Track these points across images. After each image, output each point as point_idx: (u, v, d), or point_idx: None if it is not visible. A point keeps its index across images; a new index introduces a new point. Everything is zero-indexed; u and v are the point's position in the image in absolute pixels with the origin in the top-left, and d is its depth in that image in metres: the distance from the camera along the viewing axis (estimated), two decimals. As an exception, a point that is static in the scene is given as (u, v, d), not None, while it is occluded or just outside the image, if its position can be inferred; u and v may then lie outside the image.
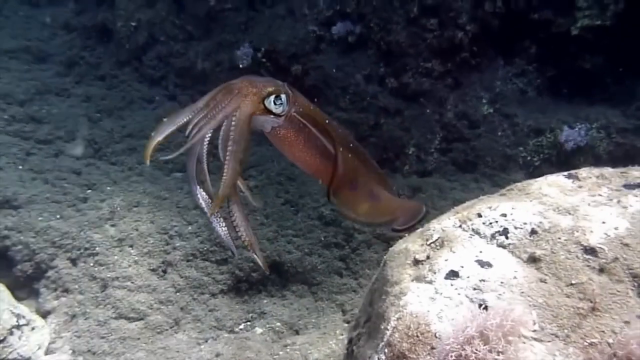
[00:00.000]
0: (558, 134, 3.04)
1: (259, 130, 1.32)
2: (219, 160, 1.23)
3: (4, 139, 3.87)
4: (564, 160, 3.06)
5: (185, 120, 1.22)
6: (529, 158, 3.18)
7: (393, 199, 1.68)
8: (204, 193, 1.30)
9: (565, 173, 1.84)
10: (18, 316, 2.47)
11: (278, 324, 2.80)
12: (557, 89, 3.38)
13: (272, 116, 1.26)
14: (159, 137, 1.20)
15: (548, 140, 3.11)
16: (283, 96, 1.26)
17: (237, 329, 2.81)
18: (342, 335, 2.64)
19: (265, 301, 2.95)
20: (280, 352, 2.55)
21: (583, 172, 1.83)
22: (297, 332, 2.75)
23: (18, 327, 2.45)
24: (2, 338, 2.30)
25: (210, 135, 1.25)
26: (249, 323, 2.83)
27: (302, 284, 2.99)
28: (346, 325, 2.74)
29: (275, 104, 1.25)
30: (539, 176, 3.29)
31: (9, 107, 4.25)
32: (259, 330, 2.76)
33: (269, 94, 1.24)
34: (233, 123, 1.20)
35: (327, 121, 1.37)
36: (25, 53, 5.05)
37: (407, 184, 3.35)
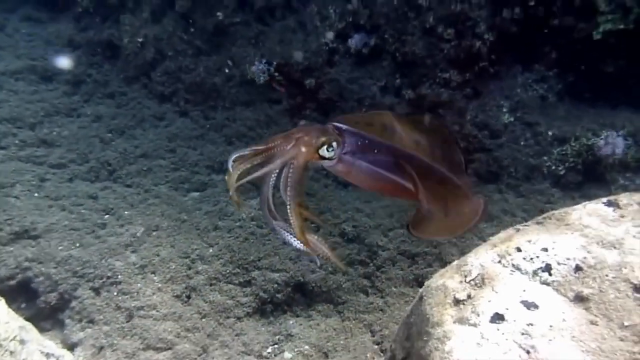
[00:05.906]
0: (583, 142, 2.98)
1: (319, 167, 1.56)
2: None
3: (17, 166, 3.83)
4: (591, 169, 3.01)
5: (249, 164, 1.45)
6: (553, 167, 3.11)
7: (463, 210, 1.77)
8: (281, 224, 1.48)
9: (605, 200, 1.78)
10: (47, 355, 2.45)
11: (306, 347, 2.76)
12: (578, 94, 3.31)
13: (326, 160, 1.48)
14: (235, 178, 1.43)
15: (573, 148, 3.04)
16: (334, 144, 1.47)
17: (265, 353, 2.77)
18: (373, 358, 2.61)
19: (291, 322, 2.92)
20: (313, 380, 2.53)
21: (623, 198, 1.77)
22: (326, 355, 2.72)
23: (48, 366, 2.43)
24: (34, 381, 2.28)
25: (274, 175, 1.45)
26: (276, 346, 2.80)
27: (327, 303, 2.95)
28: (376, 347, 2.71)
29: (327, 151, 1.46)
30: (566, 186, 3.24)
31: (19, 132, 4.21)
32: (287, 355, 2.73)
33: (322, 144, 1.44)
34: (291, 170, 1.41)
35: (379, 149, 1.54)
36: (31, 73, 4.98)
37: (429, 196, 3.29)
